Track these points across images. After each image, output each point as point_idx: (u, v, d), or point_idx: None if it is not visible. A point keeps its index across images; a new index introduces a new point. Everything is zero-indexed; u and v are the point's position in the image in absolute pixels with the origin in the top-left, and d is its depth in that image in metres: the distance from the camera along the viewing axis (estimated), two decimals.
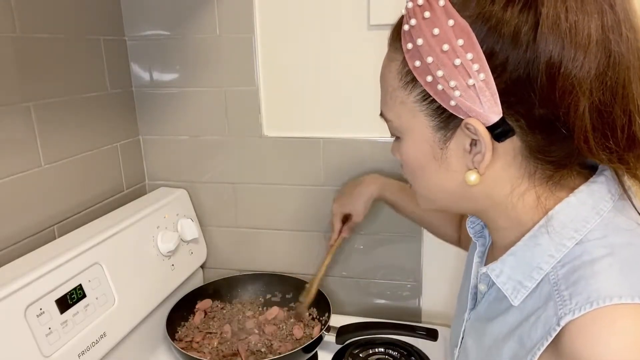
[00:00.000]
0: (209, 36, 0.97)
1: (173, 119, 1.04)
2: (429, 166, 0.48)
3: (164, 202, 0.97)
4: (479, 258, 0.58)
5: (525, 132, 0.43)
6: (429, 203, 0.54)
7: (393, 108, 0.49)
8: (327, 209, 1.02)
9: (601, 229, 0.43)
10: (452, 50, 0.41)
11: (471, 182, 0.45)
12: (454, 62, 0.41)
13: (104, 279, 0.76)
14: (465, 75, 0.41)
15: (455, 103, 0.42)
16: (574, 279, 0.41)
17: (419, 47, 0.43)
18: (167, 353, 0.93)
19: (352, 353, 0.90)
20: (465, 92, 0.41)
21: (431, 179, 0.49)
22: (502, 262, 0.48)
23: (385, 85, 0.50)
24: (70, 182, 0.86)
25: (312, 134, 0.99)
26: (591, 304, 0.38)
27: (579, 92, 0.39)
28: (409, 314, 1.05)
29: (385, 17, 0.89)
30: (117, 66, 0.99)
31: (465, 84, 0.41)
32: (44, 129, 0.79)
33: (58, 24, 0.82)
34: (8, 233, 0.74)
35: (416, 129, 0.47)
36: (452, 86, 0.42)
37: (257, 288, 1.07)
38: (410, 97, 0.46)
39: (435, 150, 0.47)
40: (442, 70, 0.42)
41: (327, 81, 0.96)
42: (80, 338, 0.70)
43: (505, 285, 0.47)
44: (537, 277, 0.45)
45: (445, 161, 0.47)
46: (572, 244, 0.43)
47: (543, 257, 0.44)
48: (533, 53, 0.39)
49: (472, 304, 0.57)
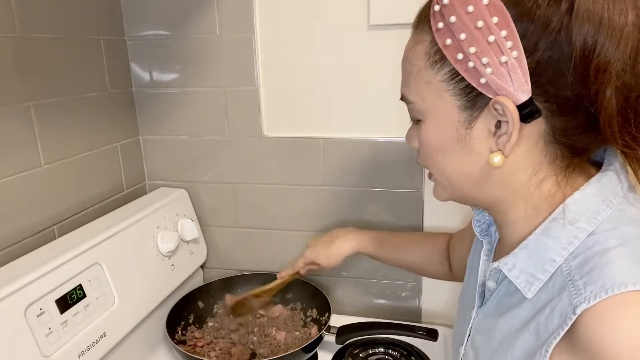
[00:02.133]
0: (209, 36, 0.97)
1: (173, 119, 1.04)
2: (451, 149, 0.48)
3: (164, 202, 0.97)
4: (486, 256, 0.58)
5: (551, 114, 0.43)
6: (445, 191, 0.53)
7: (417, 89, 0.48)
8: (327, 209, 1.02)
9: (612, 220, 0.44)
10: (486, 27, 0.42)
11: (495, 164, 0.45)
12: (488, 39, 0.42)
13: (104, 279, 0.76)
14: (499, 52, 0.42)
15: (485, 81, 0.43)
16: (588, 269, 0.41)
17: (452, 24, 0.43)
18: (167, 353, 0.93)
19: (352, 353, 0.90)
20: (497, 69, 0.42)
21: (452, 162, 0.49)
22: (515, 256, 0.48)
23: (409, 67, 0.49)
24: (70, 182, 0.86)
25: (312, 134, 0.99)
26: (606, 291, 0.38)
27: (612, 71, 0.39)
28: (409, 314, 1.05)
29: (385, 17, 0.89)
30: (117, 66, 0.99)
31: (498, 61, 0.42)
32: (44, 129, 0.79)
33: (58, 24, 0.82)
34: (8, 233, 0.74)
35: (441, 110, 0.47)
36: (485, 63, 0.42)
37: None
38: (438, 77, 0.46)
39: (460, 132, 0.47)
40: (475, 47, 0.42)
41: (327, 81, 0.96)
42: (80, 338, 0.70)
43: (518, 278, 0.47)
44: (550, 270, 0.45)
45: (468, 142, 0.47)
46: (584, 236, 0.44)
47: (556, 250, 0.45)
48: (567, 35, 0.40)
49: (479, 302, 0.57)
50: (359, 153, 0.98)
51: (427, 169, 0.54)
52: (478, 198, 0.52)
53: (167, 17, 0.98)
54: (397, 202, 0.98)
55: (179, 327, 0.95)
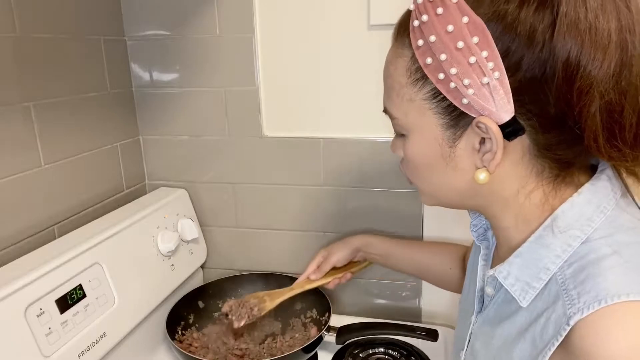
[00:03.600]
0: (209, 36, 0.97)
1: (173, 119, 1.04)
2: (436, 165, 0.48)
3: (164, 202, 0.97)
4: (483, 261, 0.58)
5: (535, 131, 0.43)
6: (432, 200, 0.53)
7: (400, 105, 0.48)
8: (327, 209, 1.02)
9: (606, 227, 0.43)
10: (467, 48, 0.41)
11: (480, 180, 0.45)
12: (469, 60, 0.41)
13: (104, 279, 0.76)
14: (480, 74, 0.41)
15: (467, 101, 0.42)
16: (582, 278, 0.41)
17: (432, 43, 0.42)
18: (167, 353, 0.93)
19: (352, 353, 0.90)
20: (478, 90, 0.41)
21: (438, 177, 0.49)
22: (509, 264, 0.48)
23: (391, 81, 0.49)
24: (70, 182, 0.86)
25: (312, 134, 0.99)
26: (599, 302, 0.38)
27: (595, 92, 0.39)
28: (409, 314, 1.05)
29: (385, 17, 0.89)
30: (117, 66, 0.99)
31: (479, 83, 0.41)
32: (44, 129, 0.79)
33: (58, 24, 0.82)
34: (8, 233, 0.74)
35: (424, 127, 0.47)
36: (466, 84, 0.41)
37: (257, 288, 1.06)
38: (420, 95, 0.45)
39: (444, 149, 0.46)
40: (456, 68, 0.41)
41: (327, 81, 0.96)
42: (80, 338, 0.70)
43: (514, 287, 0.47)
44: (544, 278, 0.45)
45: (453, 160, 0.46)
46: (578, 244, 0.43)
47: (550, 258, 0.44)
48: (549, 52, 0.39)
49: (478, 307, 0.57)
50: (359, 153, 0.98)
51: (411, 180, 0.54)
52: (468, 206, 0.53)
53: (167, 17, 0.98)
54: (397, 202, 0.98)
55: (179, 327, 0.95)
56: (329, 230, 1.03)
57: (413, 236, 1.00)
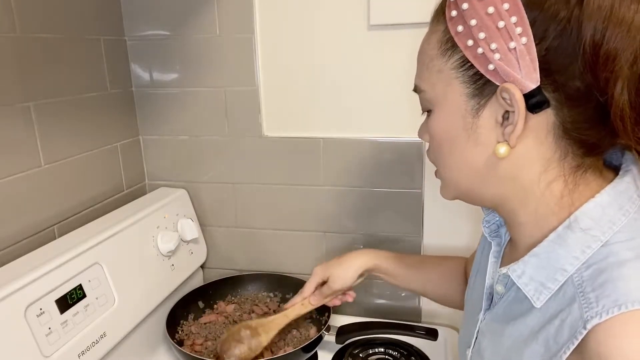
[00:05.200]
0: (209, 36, 0.97)
1: (173, 119, 1.04)
2: (458, 138, 0.48)
3: (164, 202, 0.97)
4: (494, 258, 0.57)
5: (560, 105, 0.42)
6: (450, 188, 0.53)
7: (429, 78, 0.49)
8: (327, 209, 1.02)
9: (627, 230, 0.42)
10: (496, 13, 0.42)
11: (500, 154, 0.45)
12: (498, 25, 0.42)
13: (104, 279, 0.76)
14: (507, 38, 0.42)
15: (493, 67, 0.43)
16: (601, 281, 0.40)
17: (464, 11, 0.43)
18: (167, 353, 0.93)
19: (352, 353, 0.90)
20: (505, 55, 0.42)
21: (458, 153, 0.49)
22: (524, 263, 0.47)
23: (423, 57, 0.50)
24: (70, 182, 0.86)
25: (312, 134, 0.99)
26: (619, 307, 0.37)
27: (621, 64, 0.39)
28: (409, 313, 1.05)
29: (385, 17, 0.89)
30: (117, 66, 0.99)
31: (507, 47, 0.42)
32: (44, 129, 0.79)
33: (58, 24, 0.82)
34: (8, 233, 0.74)
35: (450, 98, 0.47)
36: (493, 49, 0.42)
37: (257, 288, 1.07)
38: (448, 64, 0.46)
39: (467, 120, 0.46)
40: (485, 33, 0.42)
41: (327, 81, 0.96)
42: (80, 338, 0.70)
43: (528, 286, 0.46)
44: (560, 279, 0.43)
45: (475, 132, 0.46)
46: (598, 246, 0.42)
47: (567, 259, 0.43)
48: (577, 23, 0.40)
49: (487, 305, 0.56)
50: (359, 153, 0.98)
51: (435, 164, 0.54)
52: (485, 195, 0.50)
53: (167, 17, 0.98)
54: (397, 202, 0.98)
55: (179, 327, 0.95)
56: (329, 230, 1.03)
57: (413, 236, 1.00)
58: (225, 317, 0.98)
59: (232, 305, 1.02)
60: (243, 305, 1.02)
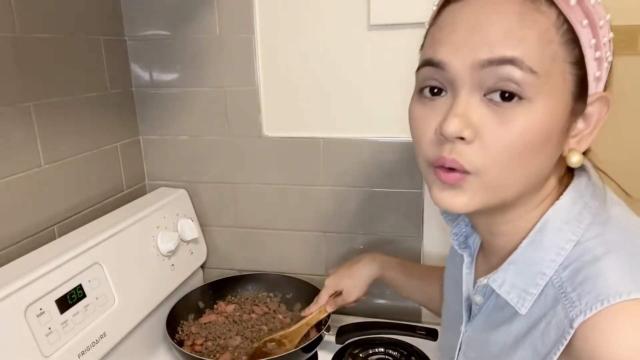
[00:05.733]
0: (209, 36, 0.97)
1: (173, 119, 1.04)
2: (552, 141, 0.42)
3: (164, 202, 0.97)
4: (468, 269, 0.57)
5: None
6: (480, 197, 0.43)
7: (543, 62, 0.39)
8: (327, 209, 1.02)
9: (595, 227, 0.43)
10: (607, 23, 0.42)
11: (574, 163, 0.44)
12: (610, 35, 0.42)
13: (104, 279, 0.76)
14: (609, 50, 0.42)
15: (599, 74, 0.42)
16: (580, 279, 0.41)
17: (592, 6, 0.41)
18: (167, 353, 0.93)
19: (352, 353, 0.90)
20: (606, 66, 0.43)
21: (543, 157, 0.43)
22: (504, 271, 0.47)
23: (530, 32, 0.39)
24: (70, 182, 0.86)
25: (312, 134, 0.99)
26: (602, 302, 0.38)
27: None
28: (409, 313, 1.04)
29: (385, 17, 0.89)
30: (117, 66, 0.99)
31: (609, 60, 0.43)
32: (44, 129, 0.79)
33: (58, 24, 0.82)
34: (8, 233, 0.74)
35: (560, 93, 0.41)
36: (607, 56, 0.42)
37: (257, 288, 1.07)
38: (567, 57, 0.40)
39: (566, 123, 0.42)
40: (607, 37, 0.42)
41: (327, 81, 0.96)
42: (80, 338, 0.70)
43: (510, 294, 0.46)
44: (541, 283, 0.44)
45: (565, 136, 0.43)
46: (572, 246, 0.43)
47: (545, 262, 0.44)
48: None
49: (467, 316, 0.56)
50: (359, 153, 0.98)
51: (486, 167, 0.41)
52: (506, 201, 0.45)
53: (167, 17, 0.98)
54: (397, 202, 0.98)
55: (179, 327, 0.95)
56: (329, 230, 1.03)
57: (413, 236, 1.00)
58: (225, 317, 0.98)
59: (232, 305, 1.02)
60: (243, 305, 1.02)
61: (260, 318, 0.98)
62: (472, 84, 0.41)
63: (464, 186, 0.43)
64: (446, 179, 0.43)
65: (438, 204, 0.45)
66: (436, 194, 0.45)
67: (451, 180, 0.42)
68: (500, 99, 0.40)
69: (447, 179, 0.43)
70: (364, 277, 0.83)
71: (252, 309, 1.01)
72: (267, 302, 1.03)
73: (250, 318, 0.98)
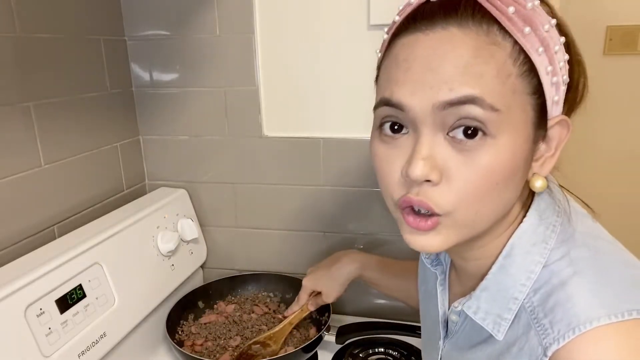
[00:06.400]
0: (209, 36, 0.97)
1: (173, 119, 1.04)
2: (519, 173, 0.41)
3: (164, 202, 0.97)
4: (441, 286, 0.57)
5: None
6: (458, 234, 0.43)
7: (503, 97, 0.39)
8: (327, 209, 1.02)
9: (561, 246, 0.44)
10: (563, 45, 0.42)
11: (538, 188, 0.44)
12: (565, 57, 0.42)
13: (104, 279, 0.76)
14: (565, 72, 0.42)
15: (557, 98, 0.42)
16: (551, 305, 0.41)
17: (546, 33, 0.40)
18: (167, 353, 0.93)
19: (352, 353, 0.90)
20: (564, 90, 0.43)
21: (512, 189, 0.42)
22: (477, 299, 0.47)
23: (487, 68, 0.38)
24: (70, 182, 0.86)
25: (312, 134, 0.99)
26: (573, 330, 0.38)
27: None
28: (408, 313, 1.04)
29: (385, 17, 0.89)
30: (117, 66, 0.99)
31: (565, 82, 0.42)
32: (44, 129, 0.79)
33: (58, 24, 0.82)
34: (8, 233, 0.74)
35: (521, 126, 0.40)
36: (564, 80, 0.42)
37: (257, 288, 1.07)
38: (526, 88, 0.40)
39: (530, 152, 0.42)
40: (562, 62, 0.41)
41: (327, 81, 0.96)
42: (80, 338, 0.70)
43: (485, 321, 0.47)
44: (514, 308, 0.44)
45: (528, 166, 0.43)
46: (539, 269, 0.43)
47: (516, 287, 0.44)
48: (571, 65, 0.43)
49: (444, 332, 0.56)
50: (359, 153, 0.98)
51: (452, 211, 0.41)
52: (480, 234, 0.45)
53: (167, 17, 0.98)
54: None
55: (179, 327, 0.95)
56: (329, 230, 1.04)
57: None
58: (225, 317, 0.98)
59: (232, 305, 1.02)
60: (243, 305, 1.02)
61: (260, 318, 0.99)
62: (434, 124, 0.40)
63: (436, 228, 0.42)
64: (417, 226, 0.42)
65: (412, 246, 0.44)
66: (408, 237, 0.44)
67: (423, 228, 0.42)
68: (463, 136, 0.39)
69: (419, 227, 0.42)
70: (342, 278, 0.83)
71: (252, 309, 1.01)
72: (267, 302, 1.03)
73: (250, 318, 0.98)
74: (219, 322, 0.97)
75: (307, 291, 0.88)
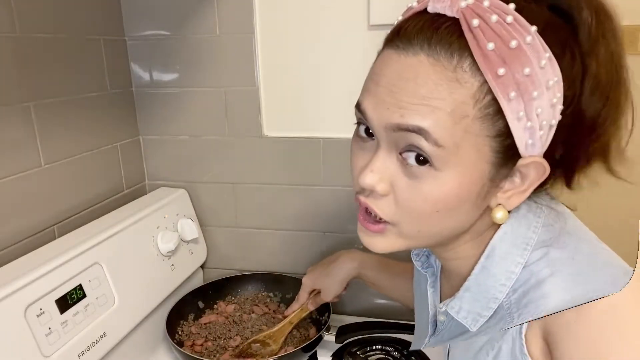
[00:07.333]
0: (209, 36, 0.97)
1: (173, 119, 1.04)
2: (466, 204, 0.41)
3: (164, 202, 0.97)
4: (432, 288, 0.58)
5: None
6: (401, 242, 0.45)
7: (453, 134, 0.38)
8: (327, 209, 1.02)
9: (541, 247, 0.44)
10: (553, 86, 0.38)
11: (498, 219, 0.44)
12: (552, 101, 0.38)
13: (104, 279, 0.76)
14: (552, 115, 0.39)
15: (532, 142, 0.39)
16: (525, 302, 0.43)
17: (524, 77, 0.37)
18: (167, 353, 0.93)
19: (351, 352, 0.90)
20: (547, 132, 0.40)
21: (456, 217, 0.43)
22: (460, 299, 0.49)
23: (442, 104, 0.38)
24: (70, 182, 0.86)
25: (312, 134, 0.99)
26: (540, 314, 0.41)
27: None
28: (408, 313, 1.04)
29: (385, 17, 0.89)
30: (117, 66, 0.99)
31: (549, 124, 0.39)
32: (44, 129, 0.79)
33: (58, 24, 0.82)
34: (8, 233, 0.74)
35: (473, 164, 0.39)
36: (542, 125, 0.39)
37: (257, 288, 1.07)
38: (487, 131, 0.38)
39: (484, 189, 0.41)
40: (541, 108, 0.38)
41: (327, 81, 0.96)
42: (80, 338, 0.70)
43: (466, 319, 0.48)
44: (493, 307, 0.46)
45: (486, 199, 0.42)
46: (520, 269, 0.44)
47: (497, 287, 0.45)
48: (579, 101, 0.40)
49: (432, 331, 0.58)
50: None
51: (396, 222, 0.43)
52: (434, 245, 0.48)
53: (167, 17, 0.98)
54: None
55: (179, 327, 0.95)
56: (329, 230, 1.04)
57: None
58: (225, 318, 0.98)
59: (232, 306, 1.02)
60: (243, 305, 1.02)
61: (260, 318, 0.99)
62: (388, 141, 0.42)
63: (384, 233, 0.45)
64: (366, 226, 0.45)
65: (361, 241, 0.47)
66: (358, 233, 0.48)
67: (371, 229, 0.45)
68: (415, 162, 0.40)
69: (368, 228, 0.45)
70: (341, 277, 0.83)
71: (252, 309, 1.01)
72: (267, 302, 1.04)
73: (250, 318, 0.98)
74: (219, 322, 0.97)
75: (307, 289, 0.88)
